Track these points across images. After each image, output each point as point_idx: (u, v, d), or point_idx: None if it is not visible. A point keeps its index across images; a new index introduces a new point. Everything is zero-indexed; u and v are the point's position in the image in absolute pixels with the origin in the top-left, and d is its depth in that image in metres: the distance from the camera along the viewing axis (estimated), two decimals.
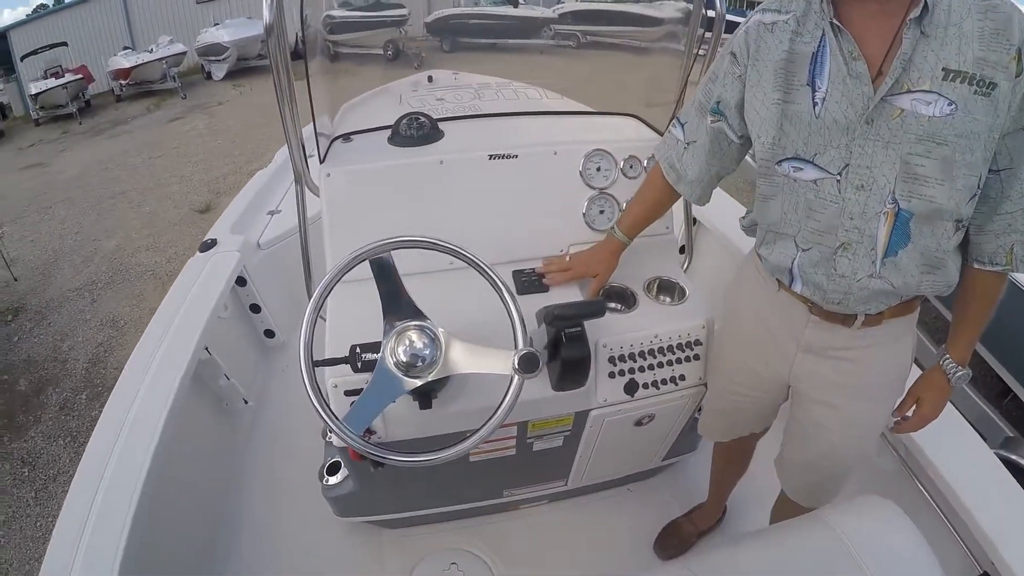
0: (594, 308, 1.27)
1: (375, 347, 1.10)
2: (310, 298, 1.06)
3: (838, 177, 0.99)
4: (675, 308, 1.51)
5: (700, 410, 1.58)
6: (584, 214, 1.63)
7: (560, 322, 1.23)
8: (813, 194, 1.03)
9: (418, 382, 1.06)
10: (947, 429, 1.47)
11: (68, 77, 13.02)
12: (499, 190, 1.59)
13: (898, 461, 1.60)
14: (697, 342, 1.48)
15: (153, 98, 13.32)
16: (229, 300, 2.26)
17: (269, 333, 2.66)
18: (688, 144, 1.26)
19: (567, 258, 1.50)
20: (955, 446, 1.46)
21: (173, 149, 9.26)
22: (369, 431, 1.29)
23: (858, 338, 1.13)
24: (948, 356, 1.15)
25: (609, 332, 1.42)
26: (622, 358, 1.43)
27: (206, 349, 1.94)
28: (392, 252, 1.13)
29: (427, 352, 1.06)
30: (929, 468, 1.44)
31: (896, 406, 1.24)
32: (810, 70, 0.98)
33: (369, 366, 1.09)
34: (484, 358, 1.08)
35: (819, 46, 0.98)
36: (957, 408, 1.50)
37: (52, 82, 12.70)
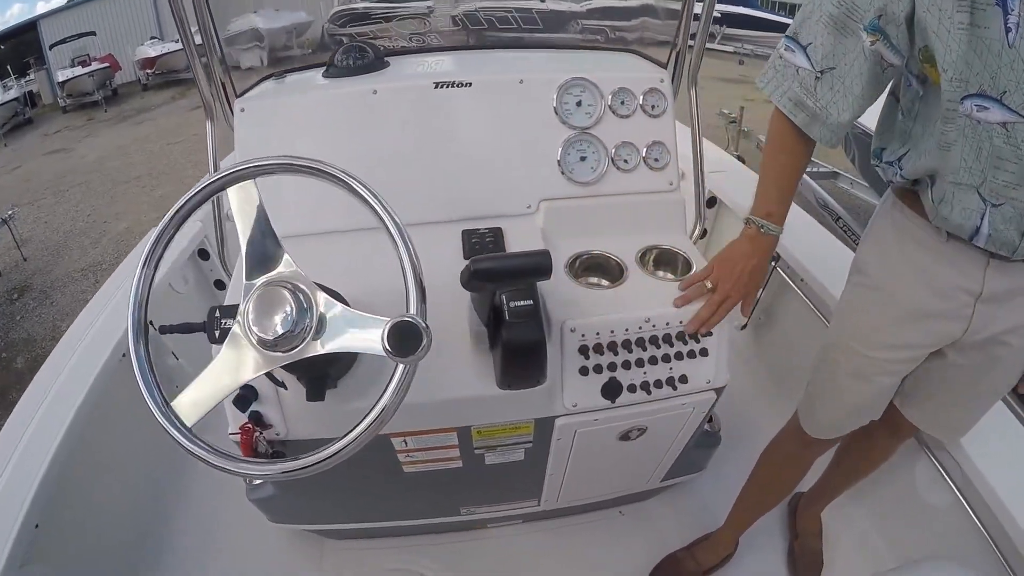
0: (534, 262, 0.89)
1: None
2: (228, 270, 0.81)
3: None
4: (676, 285, 1.16)
5: (807, 404, 1.26)
6: (560, 161, 1.28)
7: (481, 281, 0.90)
8: (1002, 140, 0.83)
9: (275, 362, 0.78)
10: (1020, 459, 1.24)
11: (95, 65, 13.23)
12: (448, 128, 1.28)
13: (969, 517, 1.30)
14: (706, 332, 1.15)
15: (179, 87, 13.40)
16: (189, 274, 2.07)
17: None
18: (823, 72, 0.95)
19: (707, 282, 1.12)
20: None
21: (192, 136, 9.23)
22: (263, 424, 1.04)
23: None
24: None
25: (580, 311, 1.10)
26: (598, 348, 1.10)
27: (150, 323, 1.74)
28: (256, 183, 0.82)
29: (294, 320, 0.75)
30: (1011, 529, 1.16)
31: None
32: None
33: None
34: (357, 331, 0.76)
35: None
36: None
37: (79, 70, 12.91)
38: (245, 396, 1.00)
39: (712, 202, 2.26)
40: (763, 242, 1.10)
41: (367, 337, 0.75)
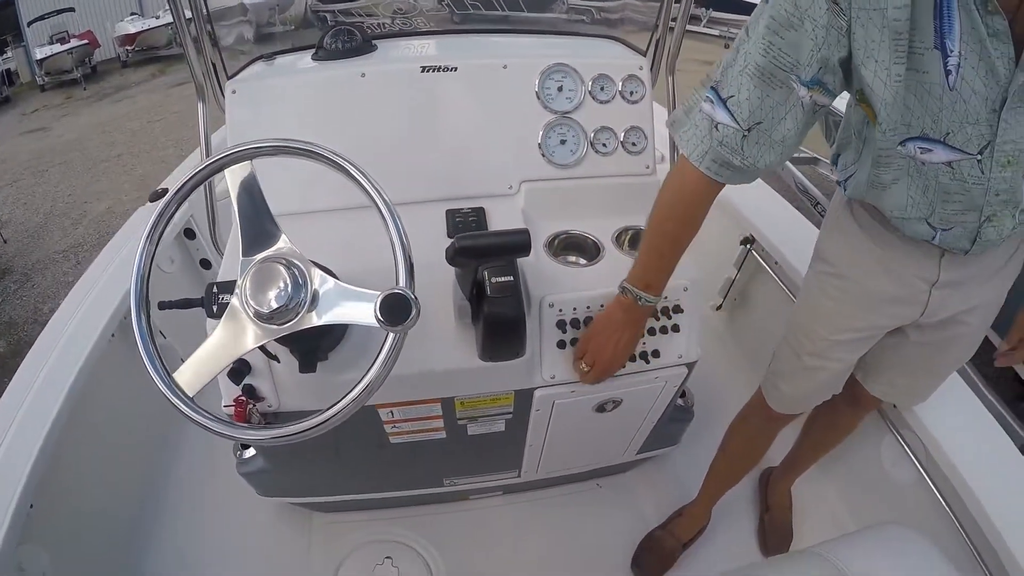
0: (515, 240, 0.93)
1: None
2: (220, 249, 0.85)
3: (978, 157, 0.81)
4: None
5: (771, 382, 1.30)
6: (540, 144, 1.33)
7: (465, 258, 0.94)
8: (948, 177, 0.85)
9: (272, 334, 0.82)
10: (979, 436, 1.29)
11: (74, 43, 12.82)
12: (433, 110, 1.32)
13: (931, 491, 1.35)
14: (677, 308, 1.19)
15: (159, 64, 13.13)
16: (175, 253, 2.08)
17: None
18: (751, 128, 0.87)
19: (583, 365, 1.13)
20: (989, 459, 1.25)
21: (173, 113, 9.08)
22: (256, 396, 1.08)
23: (990, 259, 1.01)
24: None
25: (558, 287, 1.15)
26: (575, 323, 1.15)
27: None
28: (254, 164, 0.87)
29: (289, 295, 0.81)
30: (970, 501, 1.20)
31: (1007, 338, 1.15)
32: (936, 27, 0.73)
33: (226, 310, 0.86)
34: (349, 304, 0.82)
35: None
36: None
37: (57, 48, 12.53)
38: (239, 369, 1.03)
39: None
40: (638, 313, 1.07)
41: (359, 309, 0.80)
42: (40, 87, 12.73)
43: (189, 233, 2.14)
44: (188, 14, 1.33)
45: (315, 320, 0.82)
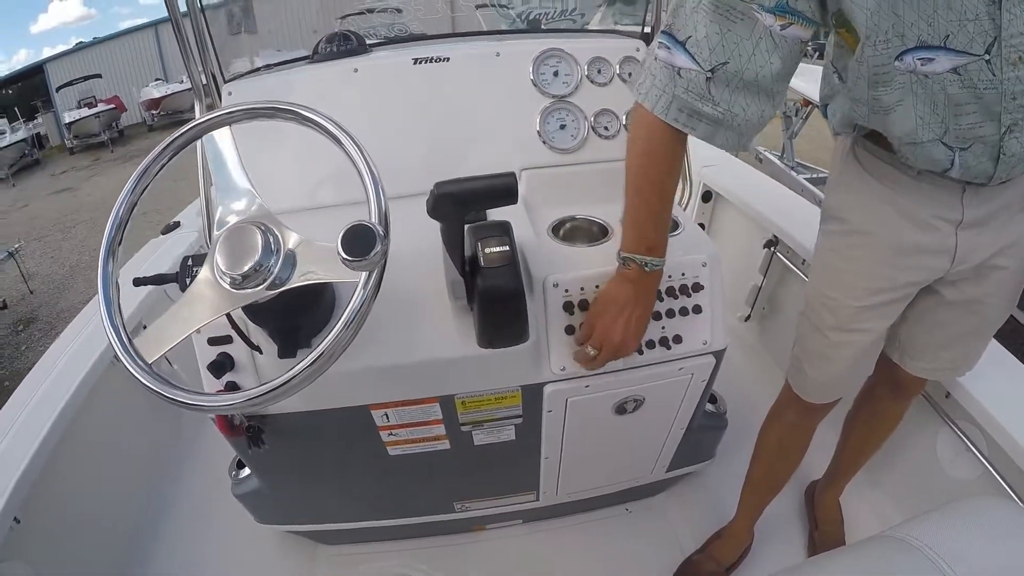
0: (498, 182, 0.82)
1: None
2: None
3: (987, 57, 0.74)
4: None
5: (796, 367, 1.19)
6: (539, 131, 1.29)
7: (448, 206, 0.82)
8: (957, 86, 0.77)
9: (246, 299, 0.76)
10: None
11: (101, 107, 13.41)
12: (427, 101, 1.30)
13: (979, 465, 1.24)
14: (697, 286, 1.07)
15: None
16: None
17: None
18: (715, 69, 0.79)
19: (589, 349, 0.99)
20: None
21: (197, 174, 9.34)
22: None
23: (1018, 187, 0.92)
24: None
25: (564, 265, 1.04)
26: (584, 305, 1.03)
27: (144, 328, 1.73)
28: (232, 129, 0.86)
29: (260, 258, 0.75)
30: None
31: None
32: None
33: None
34: (322, 262, 0.76)
35: None
36: None
37: (85, 112, 13.10)
38: (221, 363, 0.97)
39: (708, 196, 2.25)
40: (648, 281, 0.96)
41: (331, 265, 0.74)
42: (69, 150, 13.26)
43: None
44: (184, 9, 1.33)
45: (287, 284, 0.77)
